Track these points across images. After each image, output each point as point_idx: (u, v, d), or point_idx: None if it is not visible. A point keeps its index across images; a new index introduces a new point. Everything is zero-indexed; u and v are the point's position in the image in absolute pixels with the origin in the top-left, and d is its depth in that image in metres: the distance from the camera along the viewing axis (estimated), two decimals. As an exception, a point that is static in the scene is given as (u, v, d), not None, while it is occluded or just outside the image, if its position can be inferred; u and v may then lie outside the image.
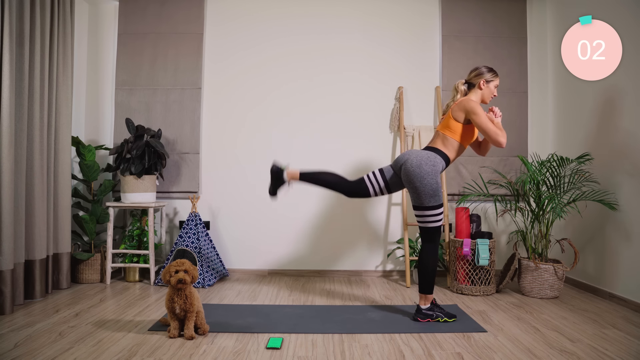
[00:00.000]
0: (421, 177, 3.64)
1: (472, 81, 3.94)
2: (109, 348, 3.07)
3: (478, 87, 3.91)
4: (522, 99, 5.61)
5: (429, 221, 3.71)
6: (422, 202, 3.67)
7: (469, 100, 3.78)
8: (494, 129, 3.66)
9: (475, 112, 3.69)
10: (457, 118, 3.79)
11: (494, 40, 5.61)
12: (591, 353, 3.09)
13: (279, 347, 3.13)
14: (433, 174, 3.65)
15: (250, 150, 5.57)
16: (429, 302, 3.78)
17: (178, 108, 5.53)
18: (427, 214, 3.69)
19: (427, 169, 3.65)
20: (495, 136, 3.65)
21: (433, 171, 3.66)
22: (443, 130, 3.87)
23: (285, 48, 5.62)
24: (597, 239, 4.73)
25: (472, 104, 3.74)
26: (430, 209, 3.67)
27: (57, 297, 4.41)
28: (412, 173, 3.67)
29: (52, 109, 4.54)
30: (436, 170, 3.68)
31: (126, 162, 4.98)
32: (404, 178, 3.74)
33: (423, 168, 3.65)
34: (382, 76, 5.60)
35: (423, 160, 3.68)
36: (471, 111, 3.71)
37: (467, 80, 3.98)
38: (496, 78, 3.92)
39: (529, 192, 4.80)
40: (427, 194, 3.64)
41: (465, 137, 3.84)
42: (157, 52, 5.56)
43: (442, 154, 3.80)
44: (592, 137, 4.81)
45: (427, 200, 3.66)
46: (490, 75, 3.89)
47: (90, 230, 5.01)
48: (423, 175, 3.64)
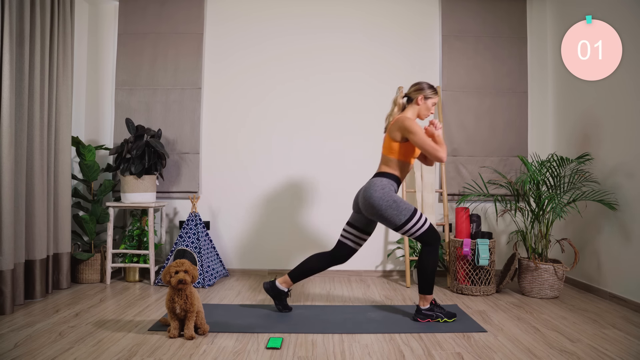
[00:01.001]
0: (378, 205, 3.66)
1: (411, 95, 3.89)
2: (109, 348, 3.07)
3: (415, 103, 3.86)
4: (522, 99, 5.61)
5: (414, 231, 3.70)
6: (395, 222, 3.68)
7: (404, 119, 3.73)
8: (431, 145, 3.61)
9: (411, 130, 3.65)
10: (394, 138, 3.77)
11: (494, 40, 5.61)
12: (591, 353, 3.09)
13: (279, 347, 3.13)
14: (386, 196, 3.66)
15: (251, 150, 5.57)
16: (429, 302, 3.78)
17: (178, 108, 5.54)
18: (407, 228, 3.68)
19: (378, 194, 3.67)
20: (434, 152, 3.61)
21: (384, 194, 3.66)
22: (384, 152, 3.86)
23: (285, 48, 5.62)
24: (597, 239, 4.73)
25: (406, 122, 3.69)
26: (406, 223, 3.67)
27: (57, 297, 4.41)
28: (369, 206, 3.71)
29: (52, 109, 4.54)
30: (387, 191, 3.68)
31: (126, 162, 4.98)
32: (367, 214, 3.78)
33: (374, 197, 3.67)
34: (382, 76, 5.60)
35: (371, 190, 3.70)
36: (406, 130, 3.67)
37: (407, 94, 3.94)
38: (435, 96, 3.87)
39: (529, 192, 4.80)
40: (392, 214, 3.65)
41: (406, 154, 3.79)
42: (157, 52, 5.57)
43: (387, 175, 3.79)
44: (592, 137, 4.82)
45: (396, 219, 3.66)
46: (429, 92, 3.84)
47: (90, 230, 5.01)
48: (379, 203, 3.65)
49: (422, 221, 3.70)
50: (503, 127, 5.57)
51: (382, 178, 3.76)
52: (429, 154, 3.63)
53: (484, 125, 5.57)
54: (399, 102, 3.92)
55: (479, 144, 5.56)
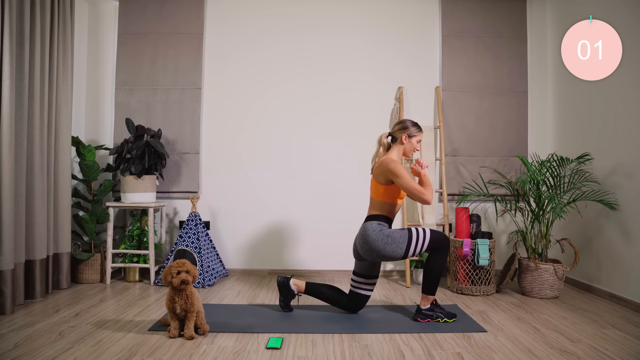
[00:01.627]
0: (375, 247, 3.67)
1: (395, 135, 3.88)
2: (109, 348, 3.07)
3: (400, 142, 3.85)
4: (522, 99, 5.61)
5: (420, 249, 3.70)
6: (399, 254, 3.68)
7: (388, 161, 3.71)
8: (417, 188, 3.60)
9: (396, 173, 3.64)
10: (379, 181, 3.77)
11: (494, 40, 5.61)
12: (591, 353, 3.09)
13: (279, 347, 3.13)
14: (381, 236, 3.66)
15: (251, 150, 5.57)
16: (429, 302, 3.78)
17: (178, 108, 5.54)
18: (412, 250, 3.68)
19: (372, 237, 3.68)
20: (419, 195, 3.60)
21: (379, 235, 3.67)
22: (372, 195, 3.86)
23: (285, 47, 5.62)
24: (597, 239, 4.73)
25: (391, 165, 3.68)
26: (409, 247, 3.67)
27: (57, 297, 4.41)
28: (368, 250, 3.72)
29: (52, 109, 4.54)
30: (380, 230, 3.69)
31: (126, 162, 4.98)
32: (370, 259, 3.79)
33: (369, 240, 3.69)
34: (382, 76, 5.60)
35: (365, 236, 3.72)
36: (392, 173, 3.66)
37: (391, 133, 3.92)
38: (419, 133, 3.85)
39: (529, 192, 4.80)
40: (392, 249, 3.66)
41: (393, 196, 3.79)
42: (157, 52, 5.57)
43: (379, 217, 3.80)
44: (592, 137, 4.82)
45: (398, 250, 3.67)
46: (414, 129, 3.83)
47: (90, 230, 5.01)
48: (375, 245, 3.66)
49: (422, 235, 3.70)
50: (503, 127, 5.57)
51: (372, 222, 3.77)
52: (414, 198, 3.63)
53: (484, 125, 5.57)
54: (384, 142, 3.90)
55: (479, 144, 5.55)
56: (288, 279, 4.00)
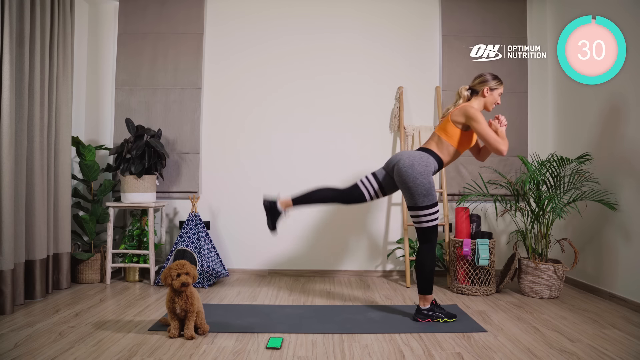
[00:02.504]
0: (414, 177, 3.62)
1: (475, 88, 3.90)
2: (109, 348, 3.08)
3: (482, 95, 3.87)
4: (522, 99, 5.61)
5: (425, 220, 3.70)
6: (416, 202, 3.66)
7: (470, 106, 3.74)
8: (494, 136, 3.63)
9: (476, 119, 3.66)
10: (456, 123, 3.77)
11: (494, 40, 5.60)
12: (591, 353, 3.09)
13: (279, 347, 3.14)
14: (425, 174, 3.64)
15: (251, 150, 5.57)
16: (429, 302, 3.78)
17: (178, 108, 5.54)
18: (422, 213, 3.68)
19: (420, 169, 3.64)
20: (495, 144, 3.63)
21: (425, 171, 3.65)
22: (440, 133, 3.84)
23: (285, 48, 5.62)
24: (597, 239, 4.73)
25: (472, 110, 3.70)
26: (425, 209, 3.66)
27: (57, 297, 4.41)
28: (405, 173, 3.66)
29: (52, 109, 4.55)
30: (428, 170, 3.67)
31: (126, 162, 4.98)
32: (397, 178, 3.73)
33: (415, 168, 3.64)
34: (382, 76, 5.61)
35: (415, 161, 3.67)
36: (472, 117, 3.68)
37: (471, 87, 3.94)
38: (500, 86, 3.87)
39: (529, 192, 4.80)
40: (421, 193, 3.63)
41: (462, 143, 3.81)
42: (157, 52, 5.57)
43: (435, 155, 3.79)
44: (592, 137, 4.82)
45: (420, 199, 3.64)
46: (494, 83, 3.85)
47: (90, 230, 5.02)
48: (415, 175, 3.62)
49: (436, 216, 3.71)
50: (503, 127, 5.57)
51: (430, 156, 3.76)
52: (490, 145, 3.65)
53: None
54: (464, 94, 3.92)
55: (479, 144, 5.55)
56: (274, 202, 3.95)
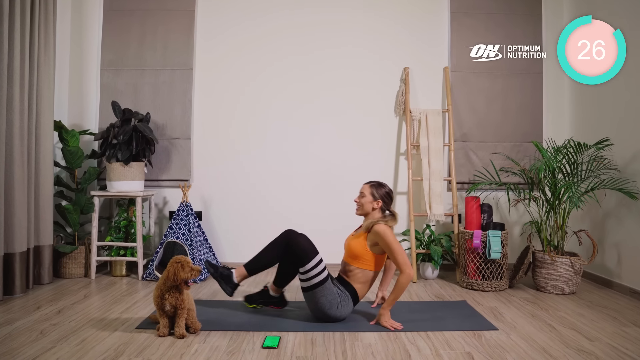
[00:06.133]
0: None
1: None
2: (93, 347, 3.05)
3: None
4: (536, 81, 5.57)
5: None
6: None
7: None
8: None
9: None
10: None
11: (507, 17, 5.56)
12: (610, 353, 3.07)
13: (276, 346, 3.12)
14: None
15: (245, 134, 5.54)
16: None
17: (168, 90, 5.50)
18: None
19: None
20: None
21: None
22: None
23: (281, 22, 5.57)
24: (617, 231, 4.71)
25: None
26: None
27: (39, 292, 4.39)
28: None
29: (32, 91, 4.50)
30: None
31: (112, 148, 4.95)
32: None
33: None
34: (387, 53, 5.56)
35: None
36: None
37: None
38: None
39: (544, 180, 4.78)
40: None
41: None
42: (146, 29, 5.51)
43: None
44: (612, 121, 4.78)
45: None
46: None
47: (73, 221, 4.99)
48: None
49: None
50: (516, 111, 5.54)
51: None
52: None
53: (496, 109, 5.53)
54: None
55: (490, 128, 5.53)
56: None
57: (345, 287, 3.70)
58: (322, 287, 3.52)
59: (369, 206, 3.84)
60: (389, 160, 5.57)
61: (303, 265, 3.54)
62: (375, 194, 3.83)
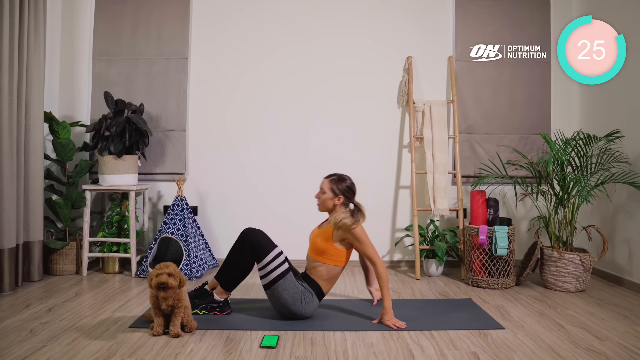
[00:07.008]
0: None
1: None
2: (85, 347, 3.04)
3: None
4: (544, 70, 5.55)
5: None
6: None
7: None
8: None
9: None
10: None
11: (514, 4, 5.53)
12: (621, 352, 3.06)
13: (275, 345, 3.11)
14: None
15: (243, 126, 5.52)
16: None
17: (162, 80, 5.48)
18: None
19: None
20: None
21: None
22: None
23: (281, 9, 5.54)
24: (628, 226, 4.70)
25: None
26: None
27: (28, 290, 4.39)
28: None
29: (22, 81, 4.49)
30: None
31: (104, 140, 4.93)
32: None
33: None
34: (389, 42, 5.54)
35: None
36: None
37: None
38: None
39: (552, 174, 4.77)
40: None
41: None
42: (139, 17, 5.49)
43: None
44: (623, 112, 4.76)
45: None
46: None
47: (64, 216, 4.98)
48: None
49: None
50: (523, 102, 5.52)
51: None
52: None
53: (503, 100, 5.51)
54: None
55: (496, 120, 5.51)
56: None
57: (310, 284, 3.70)
58: (283, 280, 3.53)
59: (330, 203, 3.82)
60: (391, 153, 5.55)
61: (260, 260, 3.55)
62: (336, 189, 3.80)
